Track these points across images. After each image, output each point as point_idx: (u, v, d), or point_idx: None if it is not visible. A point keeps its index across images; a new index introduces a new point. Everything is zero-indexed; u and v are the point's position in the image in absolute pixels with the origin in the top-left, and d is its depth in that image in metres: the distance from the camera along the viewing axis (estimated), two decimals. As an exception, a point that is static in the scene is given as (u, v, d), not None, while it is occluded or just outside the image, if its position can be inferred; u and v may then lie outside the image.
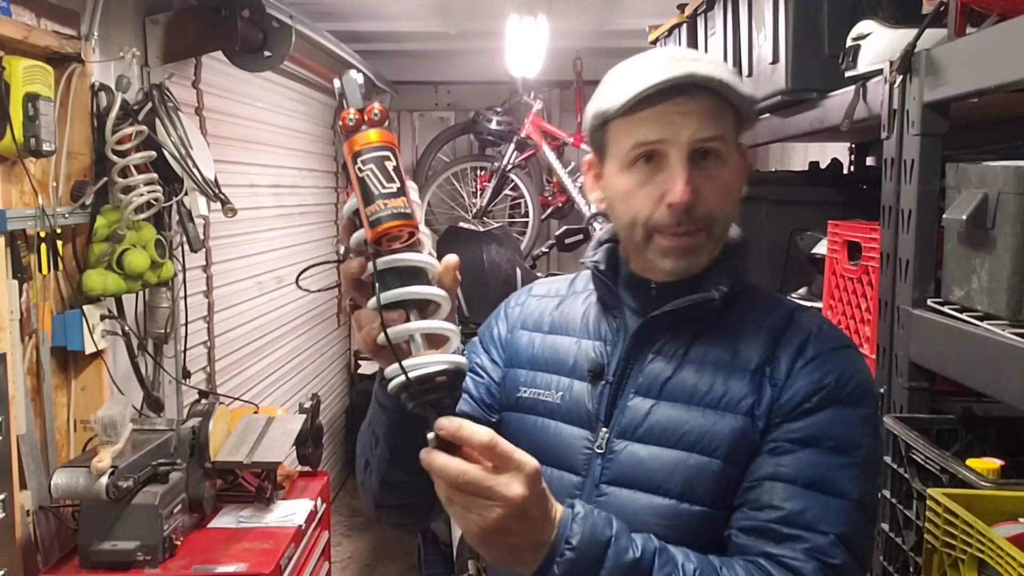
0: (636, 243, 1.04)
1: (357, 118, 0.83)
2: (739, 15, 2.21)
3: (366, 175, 0.82)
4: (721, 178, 1.01)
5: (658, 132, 0.98)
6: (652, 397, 1.03)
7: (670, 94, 0.97)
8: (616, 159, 1.03)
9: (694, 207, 0.98)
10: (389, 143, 0.84)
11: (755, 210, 2.17)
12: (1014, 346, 1.04)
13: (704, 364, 1.02)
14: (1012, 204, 1.07)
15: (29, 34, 2.04)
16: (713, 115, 0.99)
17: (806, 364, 0.99)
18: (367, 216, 0.82)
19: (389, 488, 1.05)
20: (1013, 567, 0.86)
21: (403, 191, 0.83)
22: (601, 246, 1.14)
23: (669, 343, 1.05)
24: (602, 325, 1.10)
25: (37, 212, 2.10)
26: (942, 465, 1.10)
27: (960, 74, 1.20)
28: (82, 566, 2.03)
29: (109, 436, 2.07)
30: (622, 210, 1.04)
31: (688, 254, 1.02)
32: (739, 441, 0.98)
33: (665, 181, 0.99)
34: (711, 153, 0.99)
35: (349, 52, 4.07)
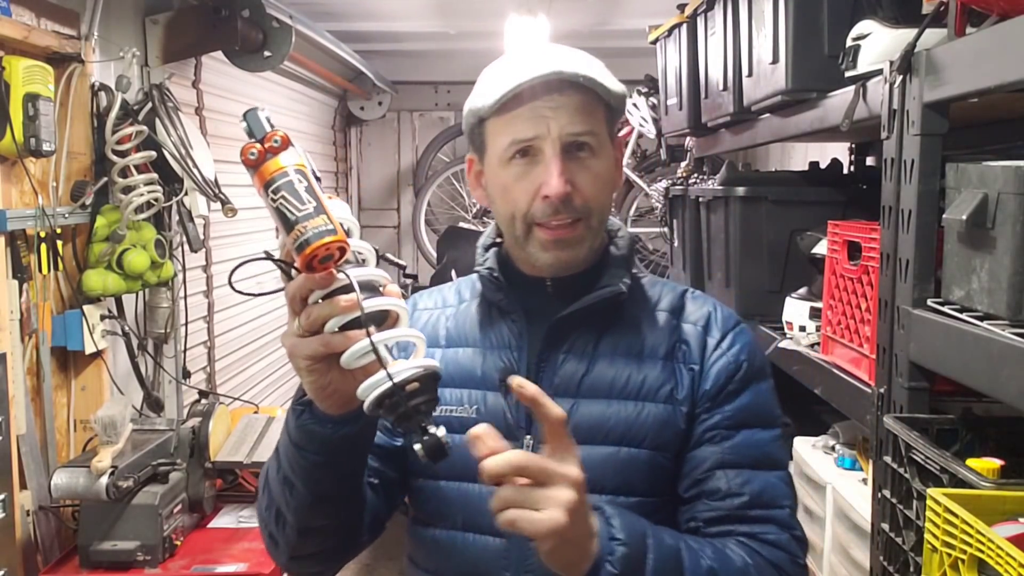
0: (517, 237, 1.05)
1: (259, 151, 0.82)
2: (739, 15, 2.20)
3: (279, 203, 0.80)
4: (595, 169, 1.02)
5: (531, 129, 1.00)
6: (570, 396, 1.02)
7: (540, 91, 0.99)
8: (494, 156, 1.05)
9: (571, 198, 1.00)
10: (296, 166, 0.82)
11: (755, 210, 2.17)
12: (1014, 346, 1.04)
13: (615, 356, 1.05)
14: (1012, 204, 1.07)
15: (29, 34, 2.04)
16: (583, 110, 1.01)
17: (717, 346, 1.05)
18: (292, 243, 0.80)
19: (308, 535, 1.00)
20: (1013, 567, 0.86)
21: (321, 208, 0.80)
22: (488, 250, 1.13)
23: (578, 340, 1.06)
24: (502, 331, 1.08)
25: (37, 212, 2.10)
26: (942, 465, 1.10)
27: (960, 74, 1.19)
28: (82, 566, 2.03)
29: (109, 436, 2.07)
30: (501, 205, 1.06)
31: (568, 246, 1.03)
32: (663, 428, 1.02)
33: (540, 175, 1.01)
34: (584, 146, 1.01)
35: (349, 52, 4.07)
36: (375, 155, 5.71)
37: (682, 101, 2.85)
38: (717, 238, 2.40)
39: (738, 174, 2.37)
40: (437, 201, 5.38)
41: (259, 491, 1.05)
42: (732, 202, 2.23)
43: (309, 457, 0.93)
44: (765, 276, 2.17)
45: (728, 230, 2.27)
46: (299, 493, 0.96)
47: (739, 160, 4.25)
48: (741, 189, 2.20)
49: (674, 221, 3.03)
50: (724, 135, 2.57)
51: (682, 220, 2.88)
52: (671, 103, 3.03)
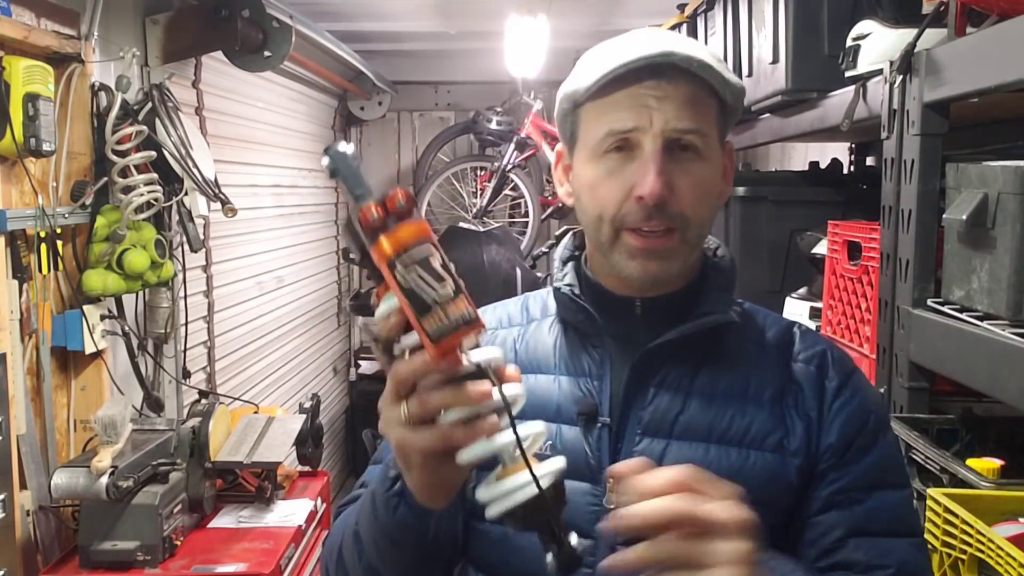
0: (602, 243, 0.93)
1: (380, 214, 0.68)
2: (739, 15, 2.21)
3: (413, 283, 0.68)
4: (699, 175, 0.90)
5: (631, 119, 0.88)
6: (663, 437, 0.90)
7: (646, 75, 0.87)
8: (586, 148, 0.93)
9: (666, 203, 0.88)
10: (426, 235, 0.69)
11: (755, 210, 2.17)
12: (1014, 346, 1.04)
13: (714, 396, 0.92)
14: (1012, 204, 1.07)
15: (29, 34, 2.04)
16: (692, 103, 0.88)
17: (838, 393, 0.92)
18: (426, 331, 0.68)
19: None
20: (1013, 567, 0.86)
21: (459, 288, 0.69)
22: (566, 264, 1.01)
23: (671, 373, 0.93)
24: (582, 357, 0.96)
25: (37, 212, 2.10)
26: (942, 465, 1.10)
27: (960, 74, 1.19)
28: (82, 566, 2.03)
29: (109, 436, 2.07)
30: (588, 203, 0.93)
31: (659, 256, 0.91)
32: (772, 480, 0.89)
33: (636, 172, 0.89)
34: (689, 147, 0.89)
35: (349, 52, 4.07)
36: (375, 155, 5.71)
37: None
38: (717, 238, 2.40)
39: (738, 174, 2.37)
40: (437, 201, 5.38)
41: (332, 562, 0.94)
42: (732, 202, 2.23)
43: (408, 551, 0.83)
44: (765, 276, 2.17)
45: (728, 230, 2.27)
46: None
47: (739, 160, 4.25)
48: (741, 189, 2.20)
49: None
50: (724, 135, 2.57)
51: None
52: (671, 103, 3.03)
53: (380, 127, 5.62)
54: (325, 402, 4.39)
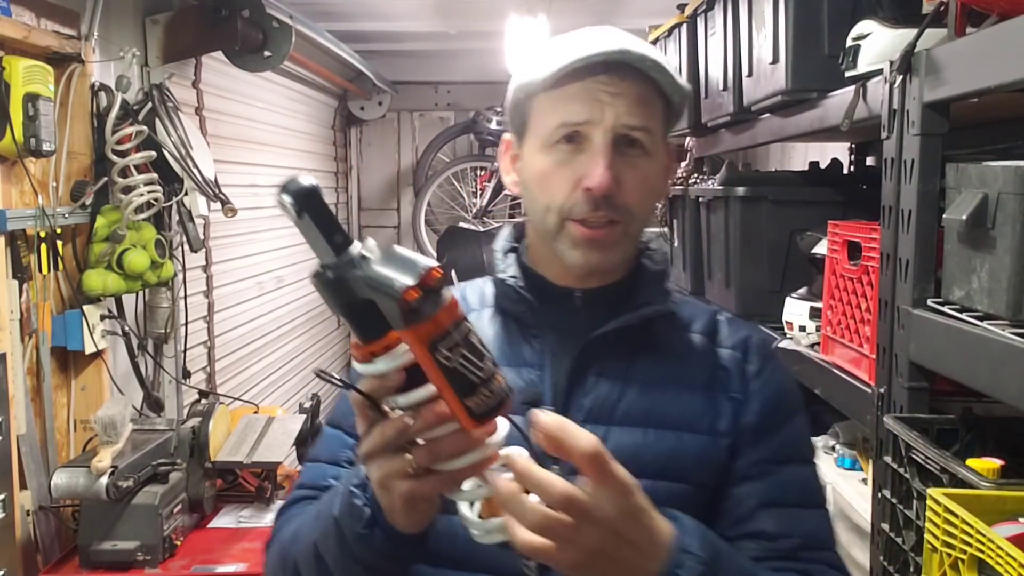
0: (547, 232, 0.95)
1: (420, 296, 0.63)
2: (739, 15, 2.20)
3: (458, 364, 0.66)
4: (645, 171, 0.94)
5: (584, 112, 0.91)
6: (604, 423, 0.93)
7: (601, 71, 0.91)
8: (536, 138, 0.95)
9: (613, 196, 0.91)
10: (460, 309, 0.67)
11: (755, 210, 2.17)
12: (1014, 346, 1.04)
13: (651, 382, 0.96)
14: (1012, 204, 1.07)
15: (29, 34, 2.04)
16: (643, 101, 0.92)
17: (757, 374, 0.99)
18: (467, 409, 0.68)
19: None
20: (1013, 567, 0.86)
21: (495, 363, 0.69)
22: (507, 255, 1.03)
23: (610, 362, 0.96)
24: (523, 348, 0.98)
25: (37, 212, 2.10)
26: (942, 465, 1.10)
27: (960, 74, 1.19)
28: (82, 566, 2.03)
29: (109, 436, 2.07)
30: (537, 194, 0.96)
31: (601, 247, 0.94)
32: (704, 462, 0.94)
33: (585, 164, 0.91)
34: (637, 143, 0.93)
35: (349, 52, 4.08)
36: (375, 155, 5.71)
37: (682, 101, 2.84)
38: (717, 238, 2.40)
39: (738, 174, 2.38)
40: (437, 201, 5.38)
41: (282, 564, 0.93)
42: (732, 202, 2.23)
43: (386, 572, 0.84)
44: (765, 276, 2.16)
45: (728, 230, 2.27)
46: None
47: (739, 160, 4.24)
48: (741, 189, 2.20)
49: (674, 221, 3.03)
50: (724, 135, 2.57)
51: (682, 220, 2.87)
52: (671, 103, 3.02)
53: (380, 127, 5.62)
54: (325, 402, 4.39)
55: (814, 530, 0.94)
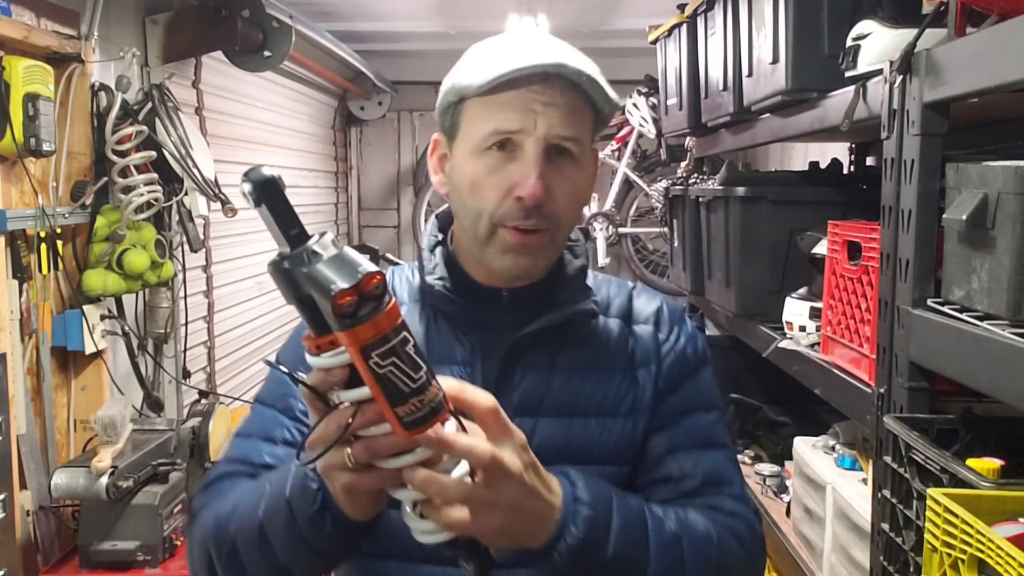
0: (478, 236, 0.97)
1: (354, 300, 0.64)
2: (739, 15, 2.20)
3: (387, 371, 0.66)
4: (573, 179, 0.96)
5: (517, 121, 0.92)
6: (531, 416, 0.97)
7: (536, 80, 0.92)
8: (468, 142, 0.96)
9: (543, 205, 0.93)
10: (399, 318, 0.67)
11: (755, 210, 2.17)
12: (1014, 346, 1.04)
13: (572, 371, 1.00)
14: (1012, 204, 1.07)
15: (29, 34, 2.04)
16: (575, 112, 0.94)
17: (666, 341, 1.05)
18: (399, 417, 0.69)
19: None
20: (1013, 567, 0.86)
21: (431, 373, 0.69)
22: (434, 252, 1.04)
23: (535, 355, 1.00)
24: (454, 347, 1.00)
25: (37, 212, 2.10)
26: (942, 465, 1.10)
27: (960, 74, 1.19)
28: (82, 566, 2.03)
29: (109, 436, 2.07)
30: (468, 199, 0.97)
31: (530, 253, 0.96)
32: (628, 443, 1.00)
33: (516, 172, 0.93)
34: (566, 152, 0.95)
35: (349, 52, 4.08)
36: (375, 155, 5.71)
37: (682, 101, 2.85)
38: (717, 238, 2.40)
39: (738, 174, 2.37)
40: (437, 201, 5.37)
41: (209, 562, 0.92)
42: (732, 202, 2.23)
43: (333, 559, 0.88)
44: (765, 276, 2.16)
45: (728, 230, 2.27)
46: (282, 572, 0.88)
47: (739, 160, 4.24)
48: (741, 189, 2.20)
49: (674, 221, 3.03)
50: (724, 135, 2.57)
51: (682, 220, 2.87)
52: (671, 103, 3.03)
53: (380, 127, 5.62)
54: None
55: (716, 469, 1.01)
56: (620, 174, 4.80)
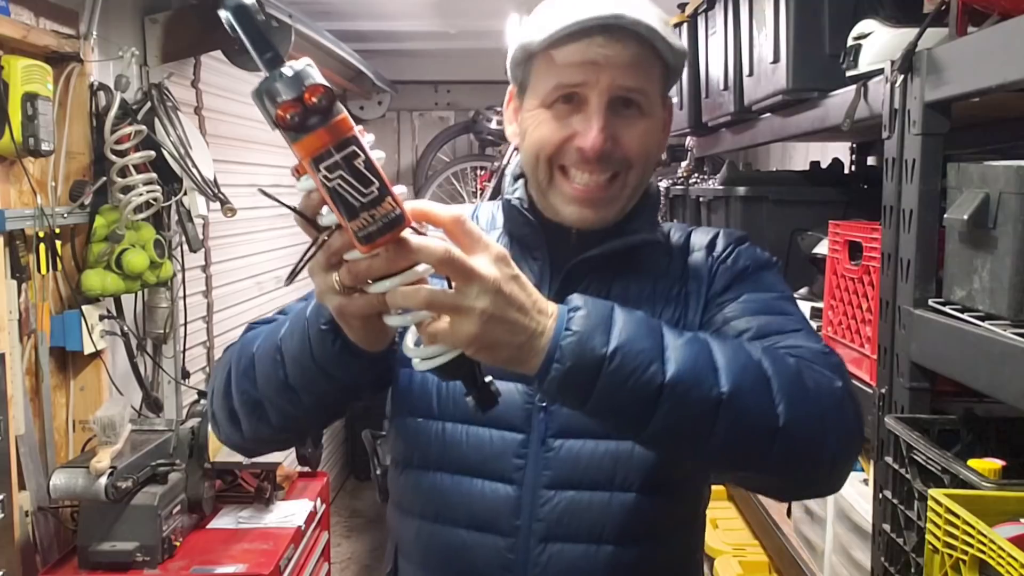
0: (539, 182, 1.00)
1: (299, 111, 0.66)
2: (740, 14, 2.20)
3: (336, 185, 0.68)
4: (640, 127, 0.97)
5: (579, 74, 0.94)
6: None
7: (596, 33, 0.92)
8: (535, 96, 0.99)
9: (610, 152, 0.95)
10: (348, 133, 0.67)
11: (756, 210, 2.16)
12: (1016, 346, 1.04)
13: (627, 300, 1.01)
14: (1014, 204, 1.07)
15: (28, 33, 2.04)
16: (638, 64, 0.94)
17: (720, 255, 1.06)
18: (354, 232, 0.70)
19: (282, 429, 0.96)
20: (1015, 568, 0.85)
21: (386, 189, 0.70)
22: (517, 180, 1.07)
23: (593, 284, 1.02)
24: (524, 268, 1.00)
25: (36, 212, 2.10)
26: (943, 466, 1.10)
27: (962, 74, 1.19)
28: (81, 567, 2.03)
29: (108, 436, 2.07)
30: (528, 144, 1.00)
31: (597, 205, 0.98)
32: None
33: (579, 123, 0.95)
34: (632, 103, 0.96)
35: (349, 51, 4.07)
36: (375, 155, 5.70)
37: (682, 100, 2.84)
38: (717, 238, 2.39)
39: (739, 174, 2.37)
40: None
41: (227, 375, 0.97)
42: (733, 202, 2.22)
43: (333, 383, 0.88)
44: (766, 276, 2.16)
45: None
46: (302, 404, 0.91)
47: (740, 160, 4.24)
48: (742, 189, 2.19)
49: (675, 221, 3.02)
50: (725, 135, 2.57)
51: (683, 220, 2.87)
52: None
53: (380, 127, 5.62)
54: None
55: (783, 321, 0.98)
56: (620, 174, 4.80)
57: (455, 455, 1.00)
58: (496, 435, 0.99)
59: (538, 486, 0.96)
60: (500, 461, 0.94)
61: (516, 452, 0.98)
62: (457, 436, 1.00)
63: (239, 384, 0.95)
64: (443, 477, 1.01)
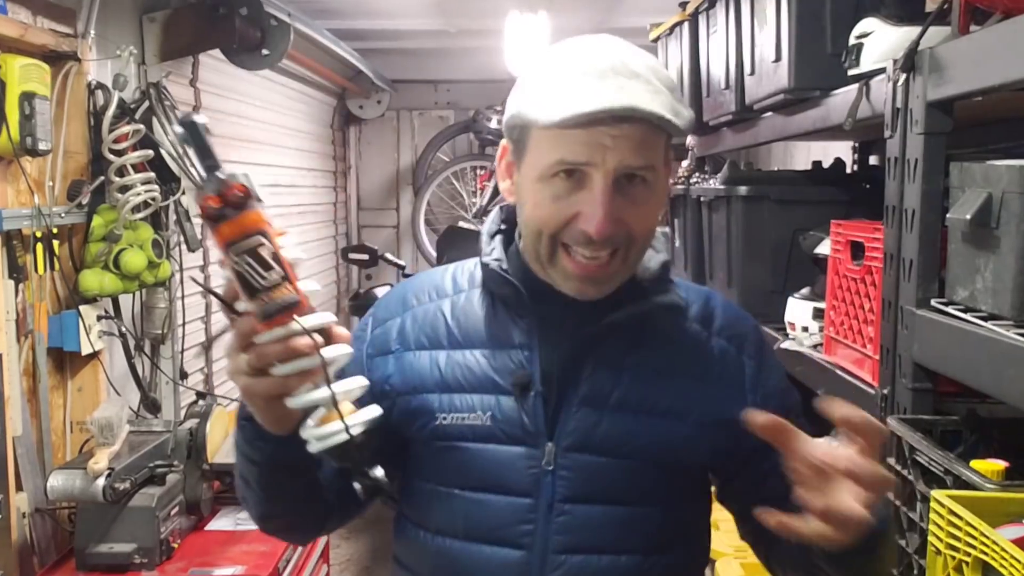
0: (539, 255, 0.96)
1: (217, 205, 0.78)
2: (741, 13, 2.19)
3: (242, 269, 0.79)
4: (645, 204, 0.93)
5: (584, 154, 0.89)
6: (599, 409, 0.98)
7: (606, 119, 0.88)
8: (534, 167, 0.94)
9: (615, 234, 0.91)
10: (257, 226, 0.79)
11: (758, 209, 2.16)
12: (1019, 347, 1.03)
13: (645, 372, 0.99)
14: (1016, 203, 1.06)
15: (25, 32, 2.03)
16: (646, 144, 0.90)
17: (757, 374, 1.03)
18: (255, 310, 0.80)
19: (270, 517, 1.05)
20: (1017, 569, 0.85)
21: (285, 275, 0.80)
22: (493, 239, 1.04)
23: (609, 351, 0.99)
24: (511, 330, 1.00)
25: (33, 212, 2.09)
26: (946, 467, 1.09)
27: (964, 72, 1.18)
28: (79, 568, 2.02)
29: (106, 437, 2.06)
30: (530, 218, 0.96)
31: (597, 282, 0.96)
32: (691, 448, 1.00)
33: (584, 201, 0.91)
34: (637, 179, 0.92)
35: (348, 50, 4.07)
36: (374, 154, 5.70)
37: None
38: (719, 238, 2.39)
39: (740, 173, 2.36)
40: (437, 201, 5.37)
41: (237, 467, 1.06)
42: (734, 201, 2.22)
43: (257, 467, 0.95)
44: (767, 276, 2.15)
45: (730, 230, 2.26)
46: (255, 492, 0.99)
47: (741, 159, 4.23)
48: (743, 188, 2.19)
49: (675, 221, 3.02)
50: (726, 134, 2.56)
51: (683, 220, 2.86)
52: (671, 102, 3.02)
53: (379, 126, 5.61)
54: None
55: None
56: (620, 173, 4.80)
57: (463, 521, 1.00)
58: (504, 501, 0.98)
59: (548, 551, 0.97)
60: (508, 528, 0.94)
61: (524, 518, 0.97)
62: (464, 503, 1.00)
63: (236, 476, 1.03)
64: (451, 543, 1.01)
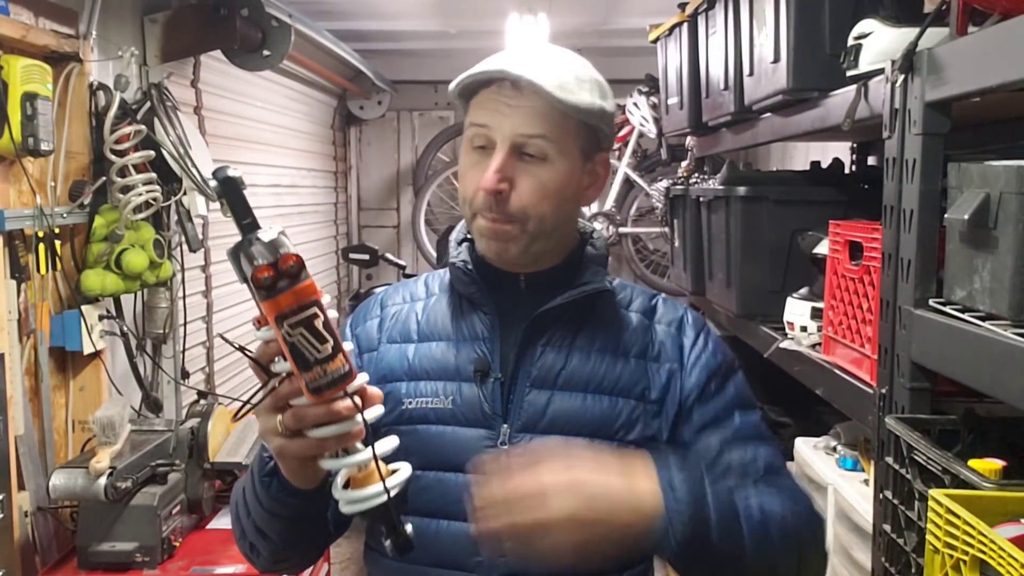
0: (467, 222, 1.10)
1: (272, 275, 0.76)
2: (740, 14, 2.20)
3: (296, 340, 0.77)
4: (540, 176, 1.03)
5: (487, 118, 1.04)
6: (548, 388, 1.07)
7: (506, 86, 1.03)
8: (465, 138, 1.09)
9: (506, 197, 1.02)
10: (312, 297, 0.78)
11: (756, 210, 2.16)
12: (1016, 346, 1.04)
13: (590, 352, 1.08)
14: (1014, 204, 1.07)
15: (27, 33, 2.03)
16: (541, 116, 1.02)
17: (693, 345, 1.12)
18: (306, 383, 0.80)
19: (283, 561, 1.11)
20: (1015, 568, 0.85)
21: (338, 348, 0.79)
22: (460, 244, 1.15)
23: (556, 334, 1.09)
24: (474, 323, 1.11)
25: (35, 212, 2.09)
26: (944, 466, 1.10)
27: (962, 73, 1.19)
28: (80, 567, 2.02)
29: (107, 437, 2.06)
30: (459, 188, 1.11)
31: (500, 239, 1.06)
32: (633, 424, 1.07)
33: (487, 166, 1.03)
34: (535, 151, 1.03)
35: (349, 51, 4.07)
36: (375, 155, 5.70)
37: (683, 100, 2.84)
38: (718, 238, 2.39)
39: (739, 174, 2.37)
40: (437, 201, 5.37)
41: (232, 517, 1.11)
42: (733, 202, 2.22)
43: (280, 520, 1.01)
44: (766, 276, 2.16)
45: (729, 230, 2.26)
46: (271, 542, 1.05)
47: (740, 160, 4.24)
48: (742, 189, 2.19)
49: (675, 221, 3.02)
50: (725, 134, 2.57)
51: (683, 220, 2.87)
52: (672, 102, 3.03)
53: (380, 126, 5.61)
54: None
55: (771, 460, 1.08)
56: (620, 174, 4.80)
57: (425, 499, 1.07)
58: (462, 479, 1.04)
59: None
60: (465, 504, 0.96)
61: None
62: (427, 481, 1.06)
63: (236, 527, 1.11)
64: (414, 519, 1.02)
